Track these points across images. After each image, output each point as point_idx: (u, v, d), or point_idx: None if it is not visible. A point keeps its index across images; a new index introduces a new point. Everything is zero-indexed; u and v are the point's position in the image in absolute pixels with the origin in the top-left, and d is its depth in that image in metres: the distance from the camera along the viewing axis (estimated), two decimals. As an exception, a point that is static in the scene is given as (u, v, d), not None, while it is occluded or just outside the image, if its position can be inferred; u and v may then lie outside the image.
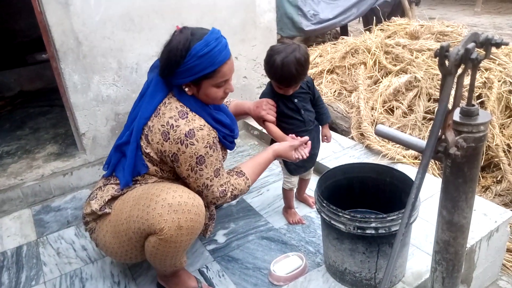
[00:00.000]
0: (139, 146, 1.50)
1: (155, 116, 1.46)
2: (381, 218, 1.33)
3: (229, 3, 2.71)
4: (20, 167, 2.55)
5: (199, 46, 1.37)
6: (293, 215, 2.02)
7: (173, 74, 1.42)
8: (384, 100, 2.80)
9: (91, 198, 1.58)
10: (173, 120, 1.42)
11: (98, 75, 2.36)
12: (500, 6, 8.01)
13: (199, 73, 1.41)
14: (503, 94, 2.50)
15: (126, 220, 1.44)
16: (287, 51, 1.62)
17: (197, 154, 1.43)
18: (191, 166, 1.45)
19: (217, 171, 1.51)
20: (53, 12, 2.13)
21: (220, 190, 1.53)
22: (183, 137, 1.40)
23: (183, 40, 1.37)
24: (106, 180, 1.60)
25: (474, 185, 1.05)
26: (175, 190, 1.41)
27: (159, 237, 1.36)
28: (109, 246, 1.52)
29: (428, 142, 0.90)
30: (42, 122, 3.31)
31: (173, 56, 1.38)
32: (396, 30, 3.42)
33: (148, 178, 1.55)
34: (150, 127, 1.47)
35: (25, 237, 2.11)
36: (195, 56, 1.37)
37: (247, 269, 1.75)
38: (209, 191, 1.51)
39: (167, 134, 1.42)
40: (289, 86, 1.69)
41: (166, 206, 1.36)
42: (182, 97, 1.48)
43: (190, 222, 1.39)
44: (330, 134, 1.96)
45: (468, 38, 0.85)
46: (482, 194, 2.35)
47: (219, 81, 1.46)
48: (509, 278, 1.91)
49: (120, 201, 1.51)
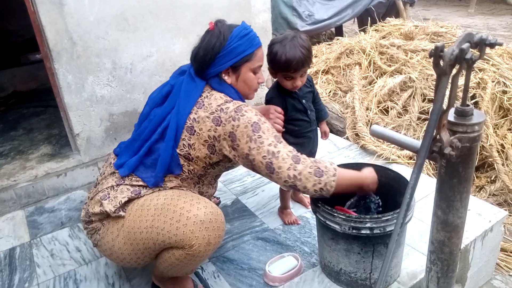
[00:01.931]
0: (176, 143, 1.45)
1: (199, 108, 1.45)
2: (376, 218, 1.33)
3: (224, 3, 2.71)
4: (13, 168, 2.53)
5: (239, 29, 1.46)
6: (289, 215, 2.01)
7: (215, 60, 1.45)
8: (379, 100, 2.81)
9: (103, 197, 1.48)
10: (222, 105, 1.43)
11: (92, 75, 2.35)
12: (494, 7, 8.07)
13: (241, 54, 1.46)
14: (497, 95, 2.52)
15: (147, 229, 1.39)
16: (287, 38, 1.64)
17: (250, 121, 1.39)
18: (249, 137, 1.37)
19: (278, 138, 1.41)
20: (46, 12, 2.11)
21: (292, 155, 1.36)
22: (233, 114, 1.40)
23: (224, 27, 1.46)
24: (120, 179, 1.51)
25: (469, 185, 1.06)
26: (205, 206, 1.39)
27: (187, 252, 1.35)
28: (117, 250, 1.46)
29: (423, 142, 0.90)
30: (35, 123, 3.29)
31: (216, 41, 1.44)
32: (390, 31, 3.44)
33: (168, 181, 1.50)
34: (195, 118, 1.44)
35: (18, 238, 2.09)
36: (237, 37, 1.44)
37: (242, 269, 1.74)
38: (278, 159, 1.34)
39: (219, 118, 1.41)
40: (296, 71, 1.64)
41: (198, 223, 1.34)
42: (222, 86, 1.49)
43: (218, 238, 1.39)
44: (328, 130, 1.98)
45: (462, 38, 0.85)
46: (476, 194, 2.36)
47: (256, 66, 1.51)
48: (503, 278, 1.92)
49: (137, 206, 1.45)
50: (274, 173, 1.36)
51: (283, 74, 1.68)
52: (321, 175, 1.35)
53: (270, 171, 1.36)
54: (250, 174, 2.39)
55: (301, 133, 1.81)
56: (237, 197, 2.25)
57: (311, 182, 1.34)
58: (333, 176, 1.36)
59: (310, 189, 1.35)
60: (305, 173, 1.34)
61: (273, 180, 1.40)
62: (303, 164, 1.35)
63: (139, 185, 1.49)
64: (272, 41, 1.68)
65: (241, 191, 2.29)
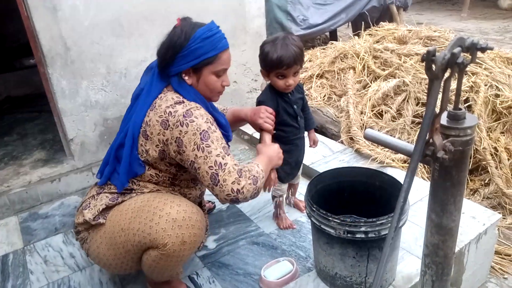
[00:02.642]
0: (135, 145, 1.45)
1: (151, 110, 1.43)
2: (370, 222, 1.34)
3: (219, 8, 2.71)
4: (7, 173, 2.51)
5: (202, 30, 1.42)
6: (284, 220, 2.01)
7: (175, 59, 1.41)
8: (373, 104, 2.82)
9: (84, 207, 1.52)
10: (170, 108, 1.39)
11: (86, 80, 2.35)
12: (486, 11, 8.15)
13: (202, 57, 1.42)
14: (490, 98, 2.54)
15: (125, 232, 1.40)
16: (278, 38, 1.66)
17: (199, 129, 1.35)
18: (197, 145, 1.35)
19: (226, 149, 1.39)
20: (40, 17, 2.11)
21: (237, 169, 1.35)
22: (181, 119, 1.36)
23: (187, 26, 1.43)
24: (100, 188, 1.55)
25: (462, 188, 1.06)
26: (179, 204, 1.39)
27: (161, 251, 1.34)
28: (102, 257, 1.47)
29: (415, 146, 0.91)
30: (29, 128, 3.27)
31: (177, 40, 1.40)
32: (384, 35, 3.46)
33: (144, 187, 1.51)
34: (147, 122, 1.43)
35: (11, 245, 2.08)
36: (198, 38, 1.40)
37: (237, 274, 1.74)
38: (225, 172, 1.33)
39: (166, 122, 1.38)
40: (289, 68, 1.64)
41: (170, 221, 1.34)
42: (181, 87, 1.45)
43: (194, 237, 1.38)
44: (317, 139, 1.99)
45: (454, 42, 0.86)
46: (470, 197, 2.37)
47: (219, 69, 1.47)
48: (497, 281, 1.92)
49: (116, 211, 1.46)
50: (218, 185, 1.33)
51: (276, 72, 1.68)
52: (257, 181, 1.39)
53: (214, 183, 1.33)
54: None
55: (289, 140, 1.80)
56: (232, 201, 2.24)
57: (250, 192, 1.36)
58: (263, 178, 1.43)
59: (247, 199, 1.37)
60: (246, 186, 1.35)
61: (214, 192, 1.36)
62: (245, 178, 1.35)
63: (117, 192, 1.51)
64: (264, 42, 1.68)
65: (236, 195, 2.29)
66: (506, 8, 8.09)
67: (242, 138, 3.04)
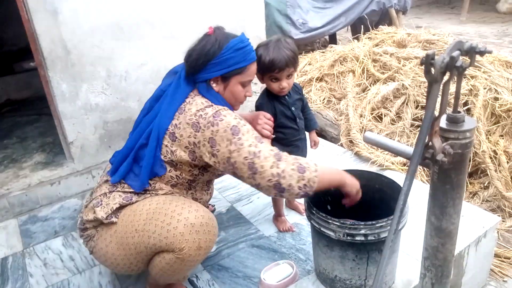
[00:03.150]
0: (159, 146, 1.45)
1: (180, 113, 1.44)
2: (370, 225, 1.34)
3: (218, 12, 2.72)
4: (7, 176, 2.51)
5: (235, 41, 1.45)
6: (283, 222, 2.01)
7: (206, 65, 1.44)
8: (373, 107, 2.83)
9: (95, 204, 1.49)
10: (200, 111, 1.41)
11: (86, 83, 2.35)
12: (485, 15, 8.19)
13: (232, 66, 1.45)
14: (489, 101, 2.55)
15: (139, 233, 1.39)
16: (272, 41, 1.67)
17: (229, 125, 1.36)
18: (229, 140, 1.35)
19: (258, 138, 1.38)
20: (41, 21, 2.12)
21: (274, 153, 1.33)
22: (212, 119, 1.37)
23: (221, 35, 1.46)
24: (112, 186, 1.53)
25: (462, 191, 1.07)
26: (196, 209, 1.39)
27: (177, 255, 1.34)
28: (111, 256, 1.47)
29: (415, 148, 0.91)
30: (29, 131, 3.27)
31: (211, 47, 1.43)
32: (383, 39, 3.47)
33: (160, 189, 1.50)
34: (177, 124, 1.43)
35: (11, 248, 2.07)
36: (232, 48, 1.43)
37: (237, 277, 1.73)
38: (260, 159, 1.31)
39: (197, 124, 1.39)
40: (281, 71, 1.65)
41: (188, 226, 1.34)
42: (209, 93, 1.47)
43: (209, 243, 1.39)
44: (318, 140, 1.98)
45: (453, 46, 0.87)
46: (470, 200, 2.37)
47: (246, 79, 1.51)
48: (497, 283, 1.92)
49: (129, 211, 1.45)
50: (257, 173, 1.32)
51: (269, 75, 1.69)
52: (304, 171, 1.33)
53: (253, 172, 1.32)
54: (245, 181, 2.39)
55: (289, 141, 1.81)
56: (232, 204, 2.25)
57: (295, 179, 1.31)
58: (315, 172, 1.34)
59: (294, 186, 1.31)
60: (288, 170, 1.31)
61: (256, 183, 1.34)
62: (285, 161, 1.33)
63: (131, 191, 1.50)
64: (257, 45, 1.69)
65: (236, 198, 2.29)
66: (504, 12, 8.12)
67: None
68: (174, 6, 2.52)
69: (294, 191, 1.33)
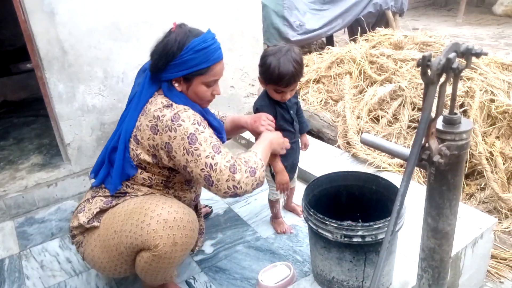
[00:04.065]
0: (127, 148, 1.47)
1: (142, 114, 1.45)
2: (367, 226, 1.34)
3: (216, 13, 2.72)
4: (3, 178, 2.50)
5: (196, 41, 1.41)
6: (281, 224, 2.01)
7: (167, 67, 1.42)
8: (370, 109, 2.84)
9: (79, 210, 1.53)
10: (158, 112, 1.40)
11: (83, 84, 2.34)
12: (481, 17, 8.22)
13: (193, 68, 1.42)
14: (485, 103, 2.55)
15: (117, 234, 1.40)
16: (282, 51, 1.64)
17: (186, 133, 1.35)
18: (186, 149, 1.35)
19: (216, 147, 1.37)
20: (38, 21, 2.11)
21: (229, 165, 1.35)
22: (170, 123, 1.37)
23: (182, 34, 1.42)
24: (94, 192, 1.57)
25: (458, 192, 1.07)
26: (170, 206, 1.39)
27: (153, 253, 1.34)
28: (97, 260, 1.48)
29: (411, 150, 0.92)
30: (26, 133, 3.26)
31: (170, 48, 1.40)
32: (380, 41, 3.48)
33: (138, 190, 1.52)
34: (138, 126, 1.44)
35: (7, 250, 2.06)
36: (192, 50, 1.40)
37: (234, 279, 1.73)
38: (216, 172, 1.34)
39: (155, 127, 1.39)
40: (288, 86, 1.65)
41: (161, 222, 1.34)
42: (171, 92, 1.46)
43: (185, 238, 1.38)
44: (309, 142, 2.01)
45: (449, 48, 0.87)
46: (466, 201, 2.38)
47: (210, 80, 1.48)
48: (494, 285, 1.93)
49: (109, 214, 1.47)
50: (213, 186, 1.35)
51: (274, 87, 1.69)
52: (255, 172, 1.39)
53: (209, 184, 1.36)
54: (242, 183, 2.39)
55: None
56: (229, 206, 2.24)
57: (249, 185, 1.38)
58: (262, 166, 1.43)
59: (249, 189, 1.39)
60: (243, 179, 1.36)
61: (212, 192, 1.38)
62: (240, 172, 1.36)
63: (112, 195, 1.52)
64: (266, 52, 1.67)
65: (233, 200, 2.29)
66: (500, 14, 8.16)
67: (239, 142, 3.04)
68: (172, 7, 2.52)
69: (248, 192, 1.40)
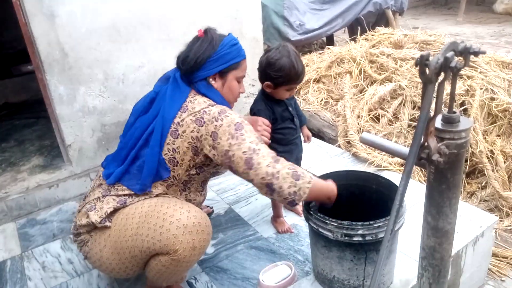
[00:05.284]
0: (161, 148, 1.47)
1: (183, 112, 1.47)
2: (367, 225, 1.34)
3: (215, 14, 2.73)
4: (4, 180, 2.51)
5: (229, 38, 1.54)
6: (282, 224, 2.02)
7: (205, 63, 1.49)
8: (370, 108, 2.84)
9: (89, 209, 1.49)
10: (205, 108, 1.46)
11: (84, 86, 2.35)
12: (481, 16, 8.22)
13: (230, 61, 1.52)
14: (485, 102, 2.56)
15: (132, 237, 1.39)
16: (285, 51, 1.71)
17: (233, 121, 1.42)
18: (231, 134, 1.39)
19: (259, 139, 1.43)
20: (38, 24, 2.12)
21: (272, 155, 1.38)
22: (217, 115, 1.43)
23: (215, 34, 1.54)
24: (106, 190, 1.53)
25: (458, 191, 1.07)
26: (188, 210, 1.39)
27: (172, 257, 1.35)
28: (105, 261, 1.46)
29: (410, 149, 0.92)
30: (27, 134, 3.27)
31: (208, 45, 1.49)
32: (380, 40, 3.48)
33: (154, 189, 1.51)
34: (179, 122, 1.46)
35: (9, 251, 2.07)
36: (227, 45, 1.51)
37: (236, 279, 1.74)
38: (259, 156, 1.36)
39: (201, 119, 1.44)
40: (301, 81, 1.75)
41: (181, 227, 1.35)
42: (209, 90, 1.53)
43: (203, 242, 1.39)
44: (310, 134, 2.04)
45: (447, 47, 0.87)
46: (467, 200, 2.38)
47: (240, 75, 1.59)
48: (495, 283, 1.93)
49: (122, 215, 1.45)
50: (252, 168, 1.35)
51: (287, 86, 1.73)
52: (298, 178, 1.37)
53: (249, 166, 1.36)
54: (243, 183, 2.39)
55: (289, 141, 1.85)
56: (230, 206, 2.25)
57: (287, 183, 1.35)
58: (308, 184, 1.38)
59: (285, 190, 1.35)
60: (283, 172, 1.35)
61: (250, 178, 1.37)
62: (282, 164, 1.37)
63: (125, 194, 1.50)
64: (272, 58, 1.70)
65: (234, 200, 2.29)
66: (500, 13, 8.16)
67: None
68: (171, 9, 2.53)
69: (283, 195, 1.36)
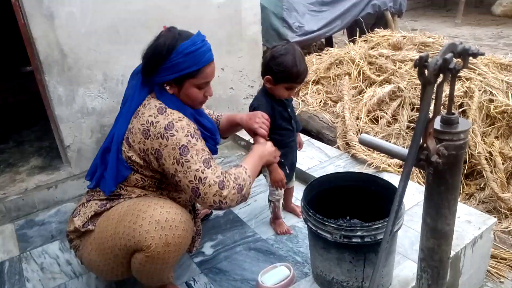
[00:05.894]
0: (120, 150, 1.47)
1: (135, 117, 1.46)
2: (366, 227, 1.34)
3: (215, 16, 2.73)
4: (3, 181, 2.50)
5: (185, 44, 1.41)
6: (281, 225, 2.01)
7: (157, 70, 1.42)
8: (369, 109, 2.84)
9: (74, 215, 1.55)
10: (152, 117, 1.41)
11: (83, 87, 2.35)
12: (480, 18, 8.23)
13: (183, 71, 1.42)
14: (484, 103, 2.56)
15: (112, 237, 1.41)
16: (291, 50, 1.69)
17: (178, 144, 1.36)
18: (176, 159, 1.37)
19: (206, 161, 1.39)
20: (37, 25, 2.12)
21: (218, 181, 1.37)
22: (163, 131, 1.38)
23: (171, 38, 1.42)
24: (89, 196, 1.58)
25: (456, 192, 1.07)
26: (162, 206, 1.39)
27: (145, 254, 1.34)
28: (94, 264, 1.49)
29: (409, 150, 0.92)
30: (26, 135, 3.26)
31: (159, 52, 1.41)
32: (379, 41, 3.48)
33: (132, 192, 1.52)
34: (130, 129, 1.45)
35: (7, 252, 2.07)
36: (181, 53, 1.40)
37: (235, 280, 1.73)
38: (205, 186, 1.36)
39: (148, 131, 1.40)
40: (302, 82, 1.73)
41: (153, 222, 1.34)
42: (163, 96, 1.47)
43: (178, 239, 1.38)
44: (302, 141, 2.06)
45: (446, 48, 0.88)
46: (466, 201, 2.38)
47: (201, 82, 1.48)
48: (494, 284, 1.93)
49: (104, 217, 1.48)
50: (199, 198, 1.38)
51: (288, 85, 1.72)
52: (242, 189, 1.43)
53: (196, 196, 1.38)
54: (242, 184, 2.39)
55: (285, 143, 1.84)
56: (229, 207, 2.24)
57: (235, 201, 1.41)
58: (250, 183, 1.45)
59: (234, 205, 1.43)
60: (230, 196, 1.39)
61: (197, 203, 1.44)
62: (227, 188, 1.38)
63: (106, 198, 1.52)
64: (276, 53, 1.69)
65: (233, 201, 2.29)
66: (499, 15, 8.17)
67: (238, 144, 3.05)
68: (171, 10, 2.53)
69: (232, 207, 1.47)
